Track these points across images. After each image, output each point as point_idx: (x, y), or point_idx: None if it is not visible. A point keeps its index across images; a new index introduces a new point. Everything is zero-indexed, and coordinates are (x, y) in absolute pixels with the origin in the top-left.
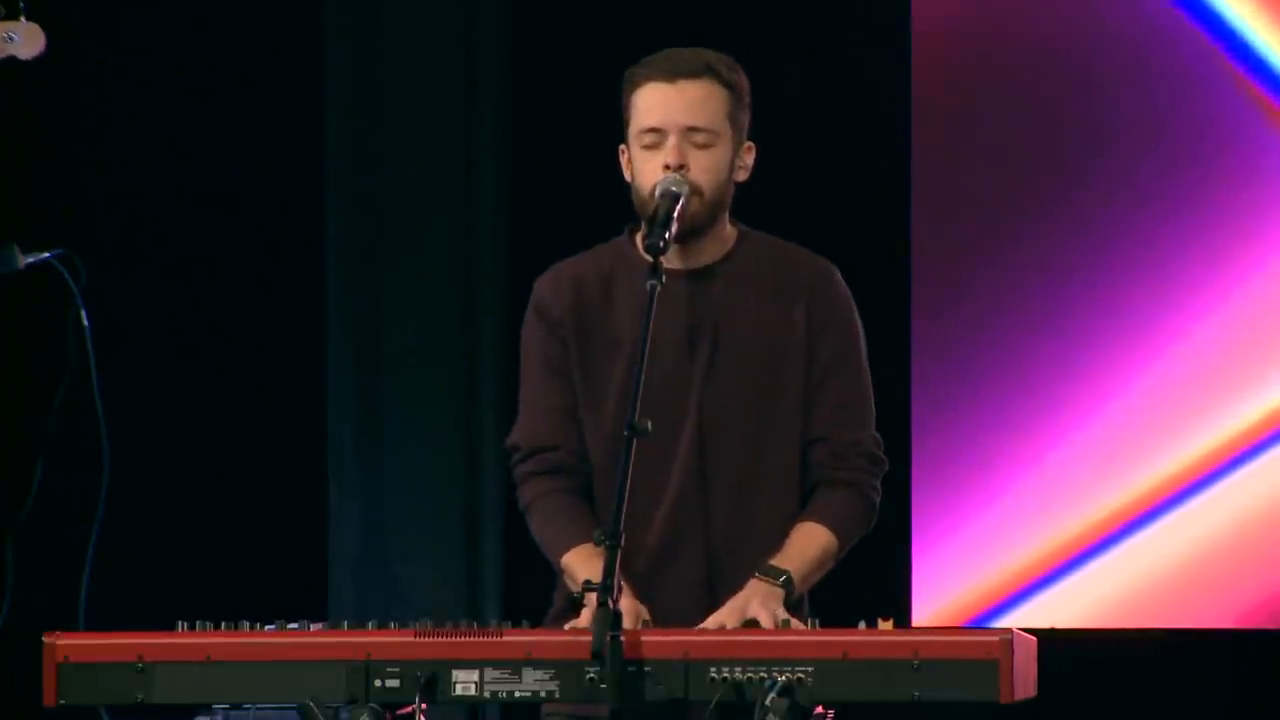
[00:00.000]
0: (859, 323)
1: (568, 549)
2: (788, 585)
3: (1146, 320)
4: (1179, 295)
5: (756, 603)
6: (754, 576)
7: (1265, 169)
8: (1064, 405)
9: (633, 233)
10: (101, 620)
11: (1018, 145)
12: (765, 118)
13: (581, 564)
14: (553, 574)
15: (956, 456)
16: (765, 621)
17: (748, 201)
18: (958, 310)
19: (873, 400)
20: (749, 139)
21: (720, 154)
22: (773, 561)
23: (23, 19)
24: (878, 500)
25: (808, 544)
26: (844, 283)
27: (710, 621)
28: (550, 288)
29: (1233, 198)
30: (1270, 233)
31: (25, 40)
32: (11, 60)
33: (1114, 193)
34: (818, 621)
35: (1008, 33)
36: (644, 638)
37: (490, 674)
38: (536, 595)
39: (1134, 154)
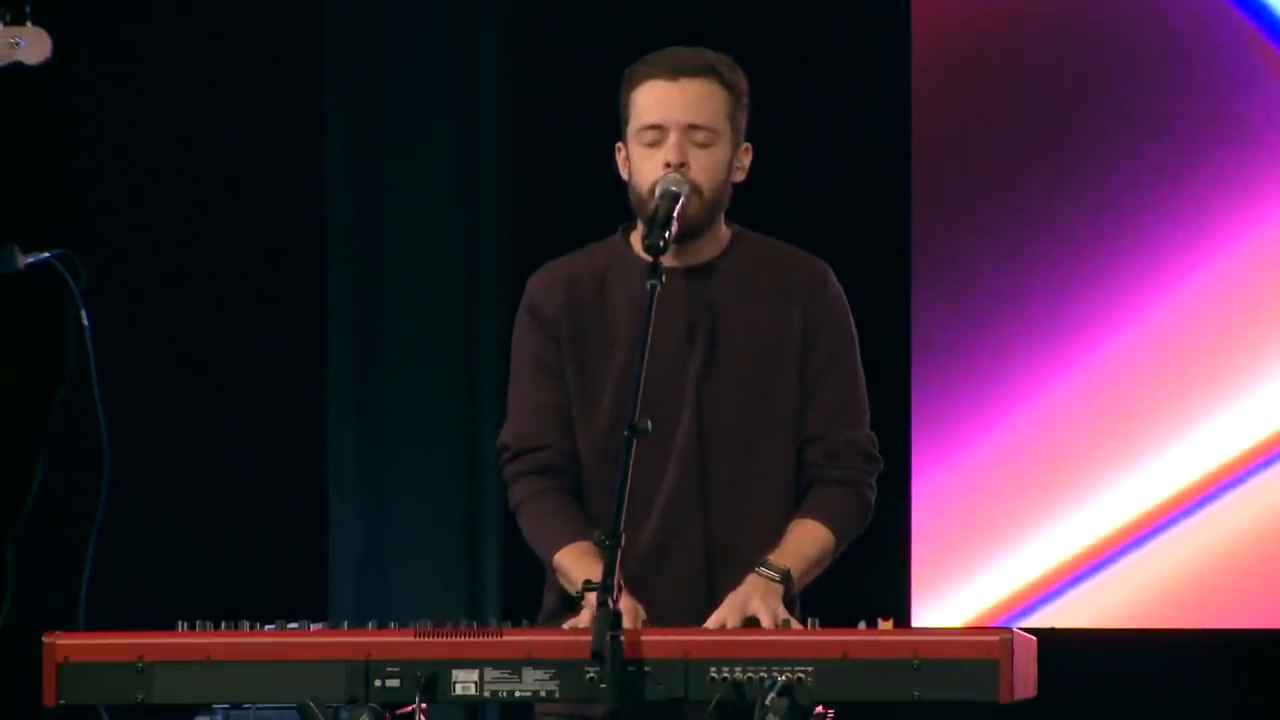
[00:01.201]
0: (853, 323)
1: (560, 548)
2: (786, 582)
3: (1154, 324)
4: (1191, 299)
5: (756, 599)
6: (753, 572)
7: None
8: (1066, 406)
9: (626, 231)
10: (101, 620)
11: (1018, 144)
12: (766, 118)
13: (574, 562)
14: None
15: (957, 457)
16: (765, 619)
17: (748, 202)
18: (958, 310)
19: (867, 400)
20: (746, 140)
21: (720, 153)
22: (771, 557)
23: (29, 24)
24: (873, 499)
25: (806, 541)
26: (838, 283)
27: (712, 620)
28: (543, 286)
29: (1248, 185)
30: None
31: (31, 45)
32: (18, 65)
33: (1119, 191)
34: (818, 621)
35: (1007, 32)
36: (644, 638)
37: (490, 674)
38: (537, 598)
39: (1139, 150)
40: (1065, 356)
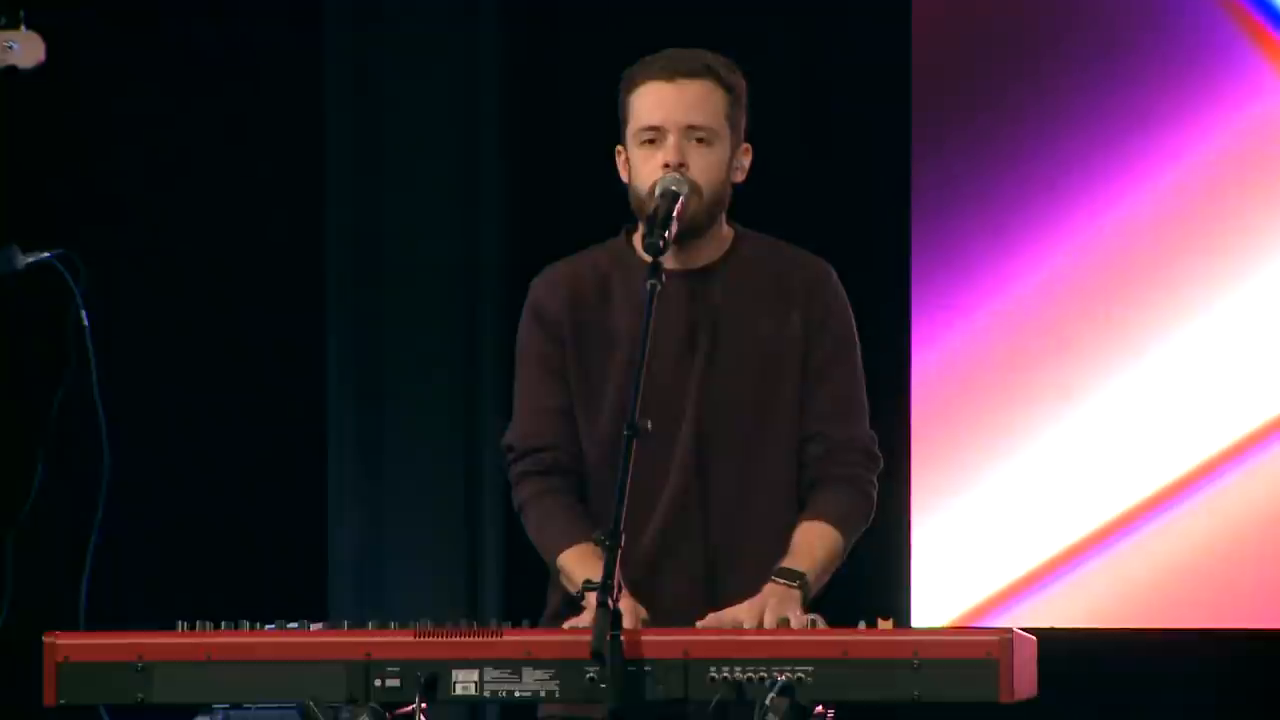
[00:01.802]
0: (854, 322)
1: (564, 549)
2: (804, 588)
3: (1153, 323)
4: (1192, 302)
5: (774, 602)
6: (771, 580)
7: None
8: (1065, 405)
9: (629, 233)
10: (101, 620)
11: (1019, 144)
12: (766, 117)
13: (577, 563)
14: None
15: (956, 456)
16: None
17: (748, 202)
18: (957, 310)
19: (866, 399)
20: (746, 140)
21: (719, 153)
22: (786, 564)
23: (23, 28)
24: (875, 495)
25: (816, 543)
26: (840, 283)
27: (726, 616)
28: (546, 288)
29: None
30: None
31: (25, 50)
32: (12, 70)
33: (1122, 188)
34: (819, 621)
35: (1007, 31)
36: (644, 637)
37: (490, 674)
38: (537, 598)
39: (1140, 147)
40: (1068, 355)
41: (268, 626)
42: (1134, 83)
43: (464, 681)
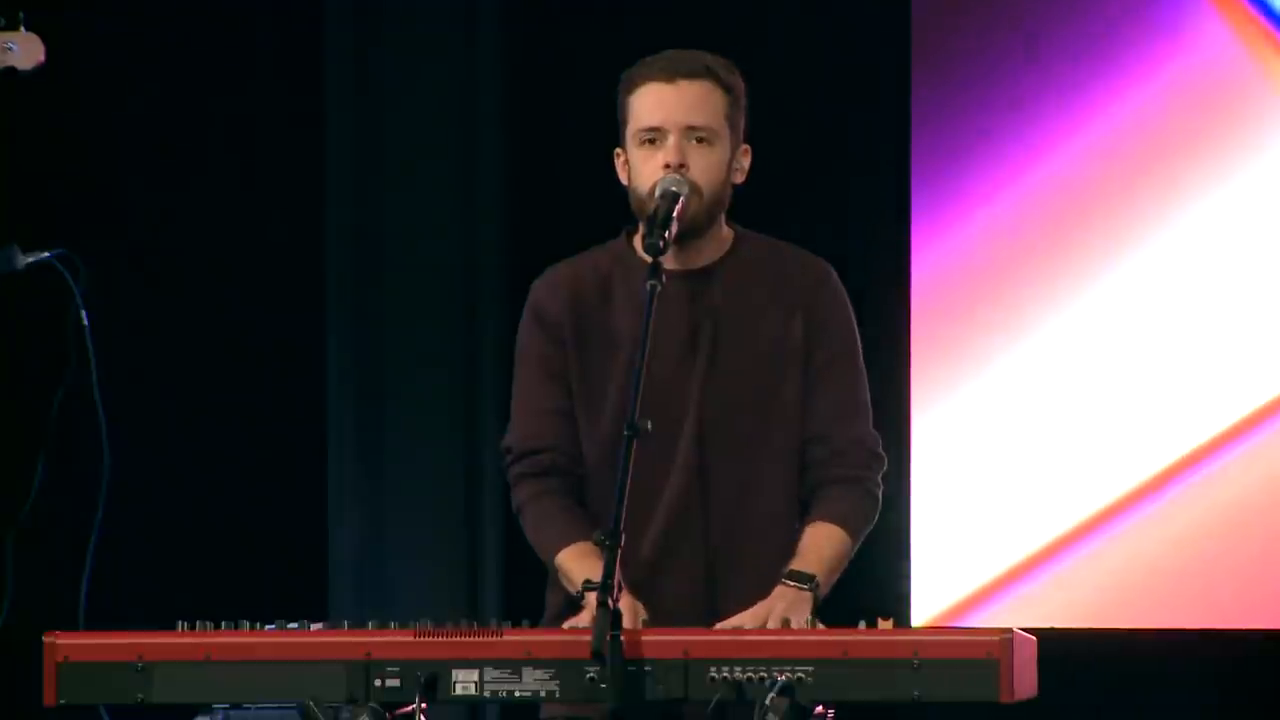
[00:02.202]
0: (855, 322)
1: (561, 549)
2: (815, 590)
3: (1150, 317)
4: (1190, 305)
5: (782, 606)
6: (781, 583)
7: None
8: (1064, 402)
9: (630, 234)
10: (101, 620)
11: (1019, 143)
12: (766, 117)
13: (576, 563)
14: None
15: (956, 455)
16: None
17: (748, 202)
18: (957, 310)
19: (869, 399)
20: (746, 141)
21: (719, 154)
22: (796, 566)
23: (22, 29)
24: (880, 495)
25: (824, 545)
26: (840, 283)
27: (732, 622)
28: (547, 289)
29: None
30: None
31: (24, 51)
32: (11, 71)
33: (1121, 190)
34: (819, 621)
35: (1008, 28)
36: (644, 637)
37: (490, 674)
38: (537, 598)
39: (1141, 145)
40: (1066, 352)
41: (268, 626)
42: (1136, 76)
43: (464, 681)
